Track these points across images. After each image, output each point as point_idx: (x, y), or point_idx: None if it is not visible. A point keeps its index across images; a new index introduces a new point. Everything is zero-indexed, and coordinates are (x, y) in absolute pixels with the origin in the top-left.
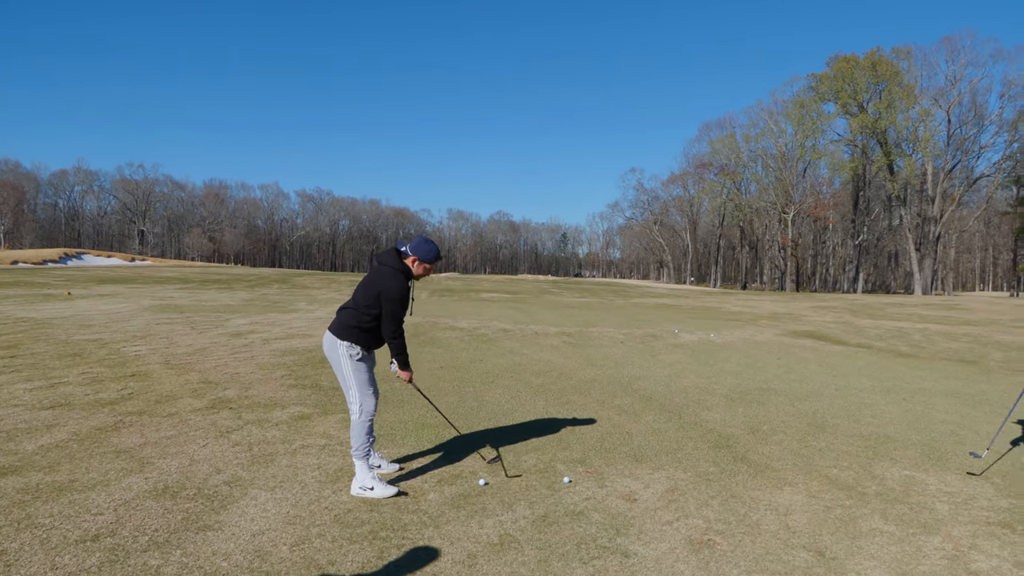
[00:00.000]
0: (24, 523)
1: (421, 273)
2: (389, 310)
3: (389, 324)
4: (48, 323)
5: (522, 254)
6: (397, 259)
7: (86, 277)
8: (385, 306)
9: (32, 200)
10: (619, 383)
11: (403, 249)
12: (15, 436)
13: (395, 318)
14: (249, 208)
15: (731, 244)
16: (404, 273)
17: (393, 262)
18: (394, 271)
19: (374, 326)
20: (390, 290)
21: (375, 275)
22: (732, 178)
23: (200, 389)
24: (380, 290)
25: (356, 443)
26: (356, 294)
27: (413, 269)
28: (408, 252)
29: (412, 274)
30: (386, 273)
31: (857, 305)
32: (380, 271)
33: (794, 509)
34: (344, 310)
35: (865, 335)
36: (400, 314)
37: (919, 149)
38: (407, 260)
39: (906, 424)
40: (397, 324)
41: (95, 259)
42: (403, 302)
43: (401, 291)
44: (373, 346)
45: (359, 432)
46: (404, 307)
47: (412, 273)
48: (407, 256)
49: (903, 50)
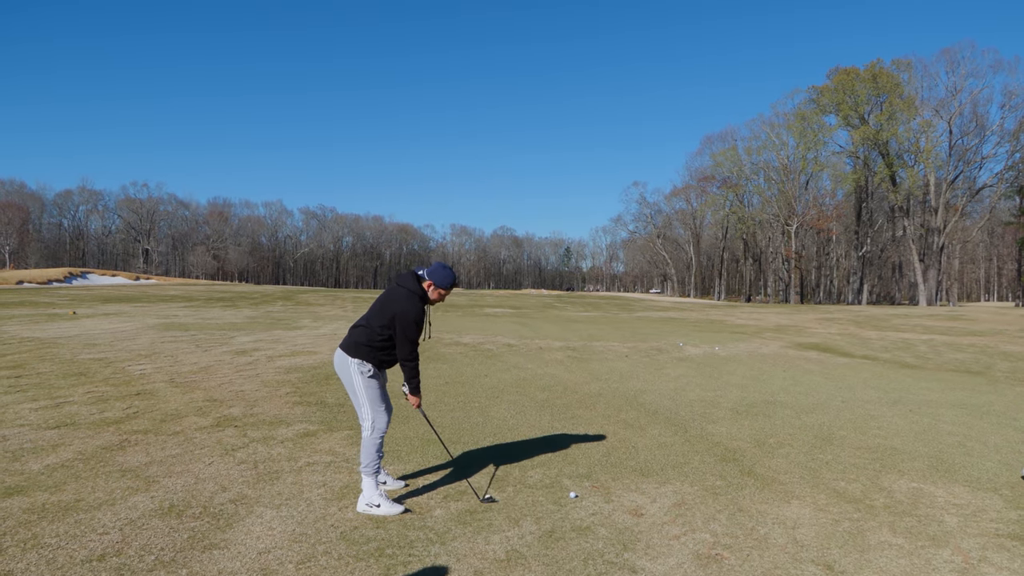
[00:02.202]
0: (30, 543)
1: (436, 298)
2: (403, 333)
3: (404, 346)
4: (53, 343)
5: (526, 269)
6: (415, 282)
7: (91, 296)
8: (399, 328)
9: (37, 220)
10: (624, 397)
11: (420, 273)
12: (21, 456)
13: (410, 341)
14: (253, 226)
15: (735, 257)
16: (420, 297)
17: (410, 284)
18: (410, 293)
19: (387, 346)
20: (406, 313)
21: (391, 295)
22: (735, 191)
23: (205, 407)
24: (395, 312)
25: (366, 460)
26: (370, 314)
27: (429, 294)
28: (425, 276)
29: (428, 298)
30: (402, 295)
31: (862, 316)
32: (396, 292)
33: (802, 522)
34: (357, 328)
35: (870, 346)
36: (415, 337)
37: (921, 160)
38: (424, 284)
39: (913, 436)
40: (412, 347)
41: (100, 278)
42: (418, 325)
43: (416, 314)
44: (385, 365)
45: (369, 449)
46: (419, 330)
47: (428, 297)
48: (424, 280)
49: (903, 62)
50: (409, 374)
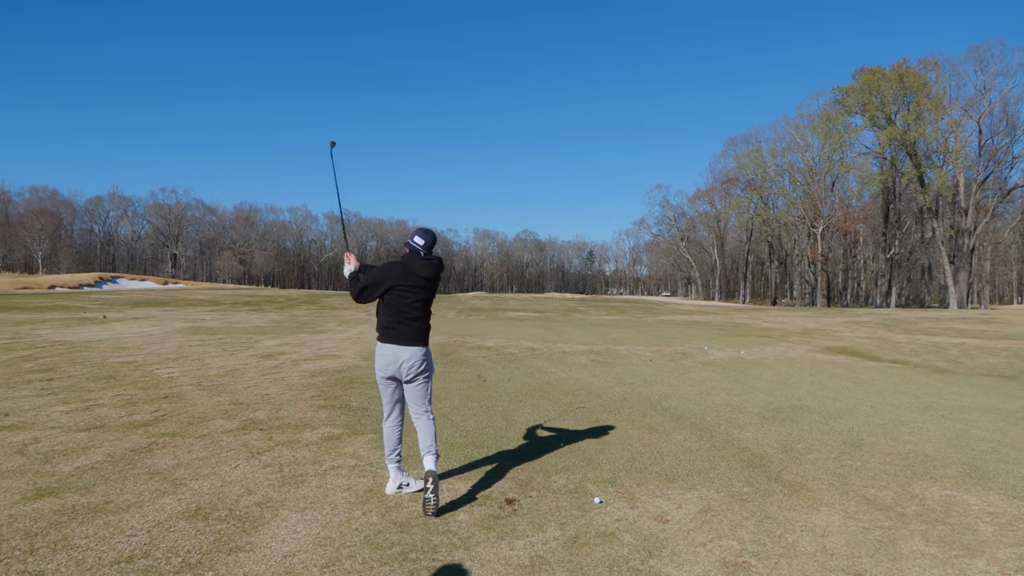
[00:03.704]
0: (60, 544)
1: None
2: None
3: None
4: (84, 346)
5: (548, 272)
6: (440, 263)
7: (121, 300)
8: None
9: (69, 226)
10: (649, 401)
11: (423, 251)
12: (52, 458)
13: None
14: (278, 231)
15: (760, 259)
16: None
17: (440, 268)
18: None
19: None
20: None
21: (431, 285)
22: (759, 193)
23: (231, 410)
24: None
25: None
26: (429, 305)
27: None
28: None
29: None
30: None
31: (891, 320)
32: (434, 282)
33: (831, 530)
34: (416, 320)
35: (900, 350)
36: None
37: (950, 160)
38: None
39: (945, 442)
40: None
41: (129, 283)
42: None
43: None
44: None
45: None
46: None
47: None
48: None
49: (930, 61)
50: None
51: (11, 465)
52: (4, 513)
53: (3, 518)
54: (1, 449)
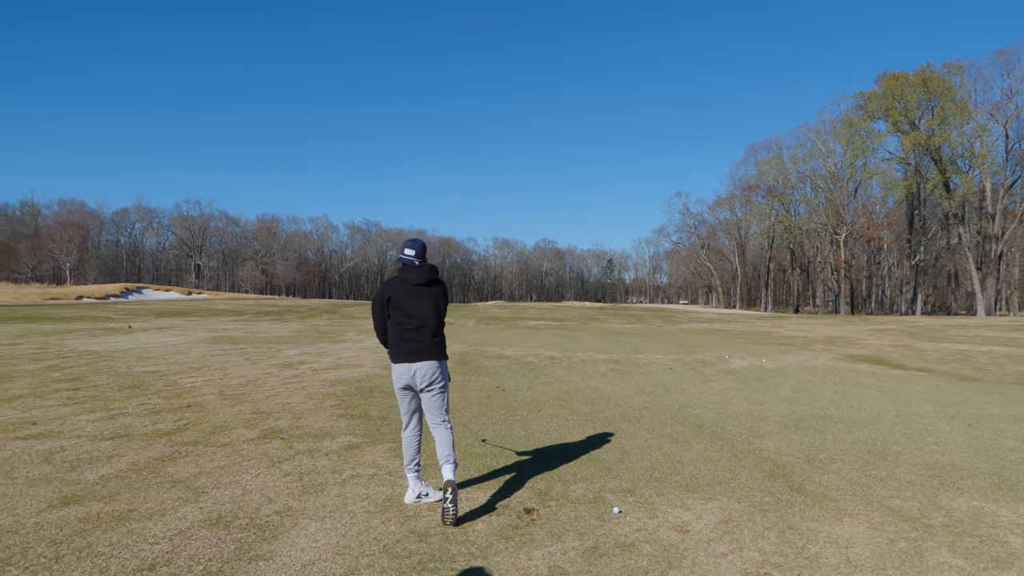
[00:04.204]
0: (85, 552)
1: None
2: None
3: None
4: (110, 356)
5: (568, 281)
6: (436, 272)
7: (145, 311)
8: (444, 305)
9: (96, 237)
10: (669, 410)
11: (418, 261)
12: (77, 466)
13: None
14: (300, 241)
15: (781, 267)
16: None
17: (436, 275)
18: (442, 283)
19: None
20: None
21: (435, 294)
22: (780, 200)
23: (253, 419)
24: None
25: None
26: (433, 312)
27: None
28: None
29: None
30: (440, 289)
31: (916, 327)
32: (438, 291)
33: (855, 541)
34: (423, 330)
35: (925, 358)
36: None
37: (976, 165)
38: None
39: (973, 452)
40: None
41: (154, 293)
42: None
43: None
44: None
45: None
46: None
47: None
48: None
49: (955, 65)
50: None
51: (38, 473)
52: (31, 521)
53: (30, 525)
54: (28, 457)
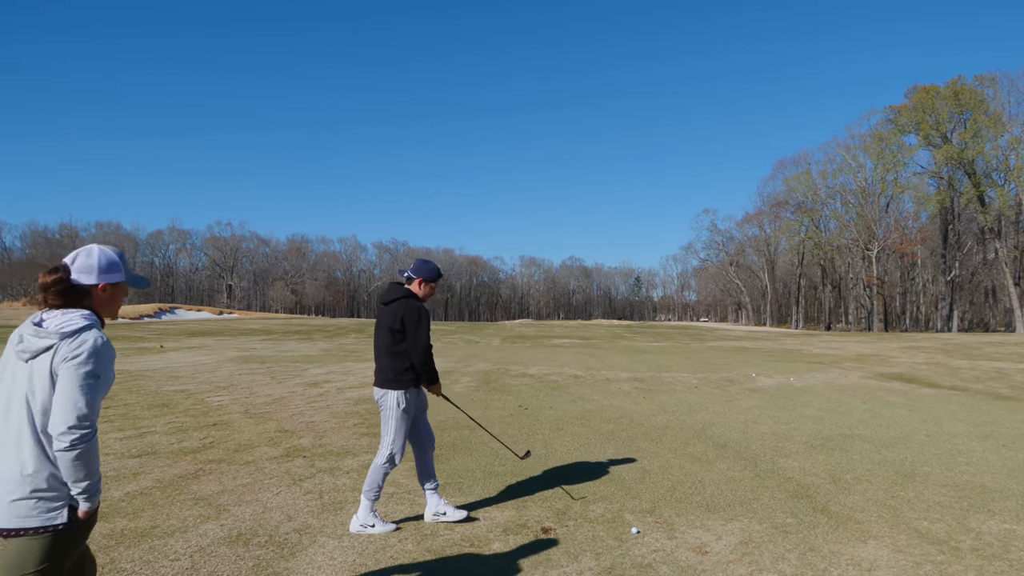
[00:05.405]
0: (108, 568)
1: (428, 293)
2: (415, 336)
3: (417, 350)
4: (141, 375)
5: (595, 299)
6: (401, 289)
7: (177, 330)
8: (410, 333)
9: (132, 259)
10: (692, 430)
11: (406, 275)
12: (105, 484)
13: (424, 344)
14: (329, 261)
15: (812, 283)
16: (414, 298)
17: (398, 293)
18: (405, 300)
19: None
20: (410, 313)
21: (389, 315)
22: (810, 215)
23: (276, 438)
24: (402, 316)
25: (371, 484)
26: (380, 344)
27: (420, 292)
28: (412, 275)
29: (419, 297)
30: (398, 306)
31: (951, 345)
32: (392, 309)
33: (879, 564)
34: (383, 356)
35: (960, 377)
36: (427, 338)
37: (1011, 179)
38: (412, 285)
39: (1006, 473)
40: (428, 350)
41: (186, 313)
42: (427, 324)
43: (423, 313)
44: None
45: (377, 475)
46: (428, 330)
47: (419, 296)
48: (411, 281)
49: (987, 77)
50: (426, 374)
51: None
52: None
53: None
54: None
